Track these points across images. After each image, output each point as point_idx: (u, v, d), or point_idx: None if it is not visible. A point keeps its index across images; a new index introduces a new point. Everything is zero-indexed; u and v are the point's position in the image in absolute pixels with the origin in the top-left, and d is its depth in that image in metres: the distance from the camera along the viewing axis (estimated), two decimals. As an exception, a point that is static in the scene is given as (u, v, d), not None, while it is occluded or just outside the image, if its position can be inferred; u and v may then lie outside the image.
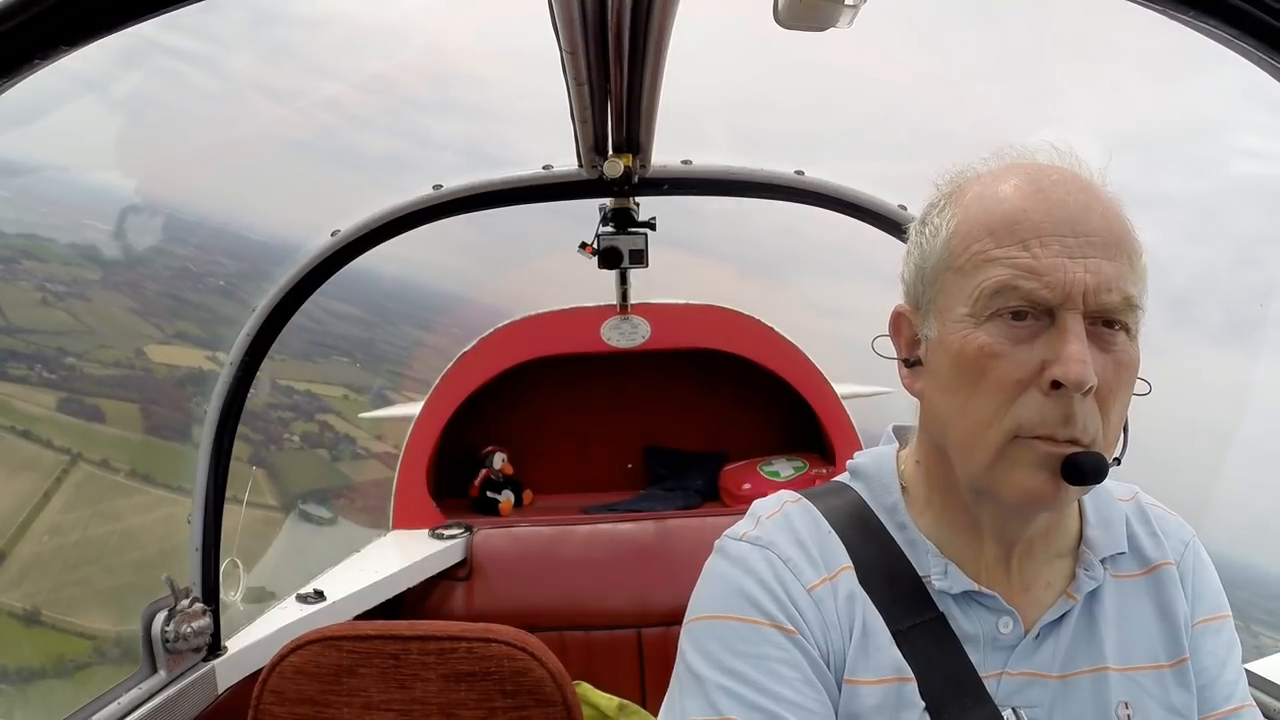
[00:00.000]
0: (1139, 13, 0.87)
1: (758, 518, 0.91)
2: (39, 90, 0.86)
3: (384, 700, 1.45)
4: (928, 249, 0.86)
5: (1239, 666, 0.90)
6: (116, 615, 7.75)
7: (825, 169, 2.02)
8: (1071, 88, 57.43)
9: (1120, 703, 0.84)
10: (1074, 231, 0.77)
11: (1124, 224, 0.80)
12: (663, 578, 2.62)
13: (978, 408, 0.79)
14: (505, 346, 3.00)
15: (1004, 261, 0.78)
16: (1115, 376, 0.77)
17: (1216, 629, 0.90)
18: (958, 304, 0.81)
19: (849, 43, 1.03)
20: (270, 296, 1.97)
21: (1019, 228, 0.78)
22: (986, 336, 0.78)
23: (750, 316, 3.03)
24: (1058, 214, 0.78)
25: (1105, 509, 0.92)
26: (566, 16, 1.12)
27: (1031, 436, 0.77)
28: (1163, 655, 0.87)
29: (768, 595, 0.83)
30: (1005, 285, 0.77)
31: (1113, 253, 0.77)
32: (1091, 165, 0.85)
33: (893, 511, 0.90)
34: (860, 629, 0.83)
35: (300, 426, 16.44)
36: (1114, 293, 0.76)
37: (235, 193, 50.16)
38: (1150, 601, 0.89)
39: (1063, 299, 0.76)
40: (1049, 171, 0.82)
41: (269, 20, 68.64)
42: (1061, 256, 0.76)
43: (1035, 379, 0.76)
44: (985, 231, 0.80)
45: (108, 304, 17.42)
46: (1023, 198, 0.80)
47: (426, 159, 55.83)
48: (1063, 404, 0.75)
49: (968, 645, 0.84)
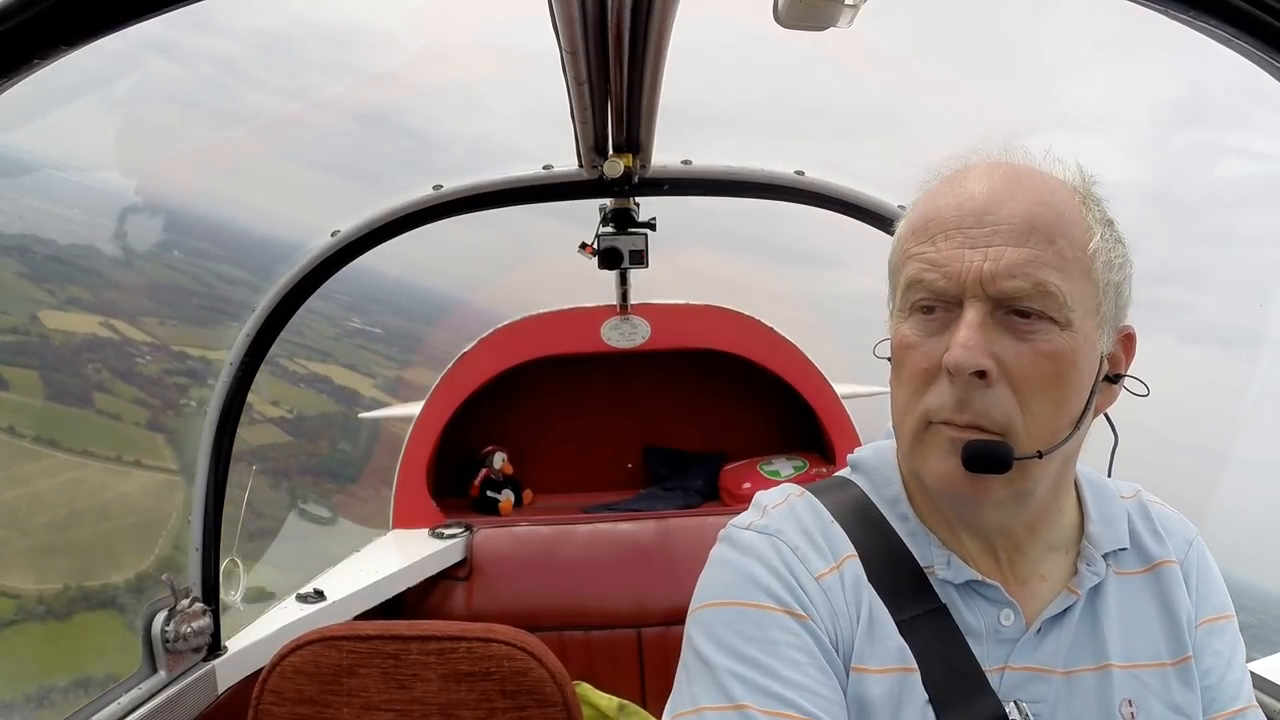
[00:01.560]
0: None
1: (763, 508, 0.91)
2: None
3: (384, 700, 1.44)
4: (889, 255, 0.91)
5: (1243, 666, 0.90)
6: (35, 575, 7.78)
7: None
8: (967, 80, 56.50)
9: (1124, 700, 0.84)
10: (979, 222, 0.79)
11: (1052, 210, 0.80)
12: (663, 577, 2.62)
13: (900, 396, 0.84)
14: (505, 346, 3.00)
15: (917, 257, 0.82)
16: (1033, 365, 0.77)
17: (1221, 629, 0.90)
18: (895, 301, 0.87)
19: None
20: (270, 297, 1.97)
21: (931, 224, 0.82)
22: (907, 329, 0.83)
23: (750, 316, 3.03)
24: (966, 206, 0.80)
25: (1106, 505, 0.92)
26: (566, 16, 1.12)
27: (939, 422, 0.79)
28: (1166, 653, 0.87)
29: (778, 581, 0.83)
30: (914, 279, 0.82)
31: (1021, 238, 0.77)
32: (1041, 156, 0.86)
33: (894, 503, 0.91)
34: (867, 617, 0.83)
35: (197, 392, 16.49)
36: (1018, 279, 0.76)
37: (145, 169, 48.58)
38: (1153, 599, 0.89)
39: (960, 289, 0.78)
40: (982, 169, 0.84)
41: (268, 15, 68.11)
42: (962, 247, 0.79)
43: (940, 366, 0.79)
44: (910, 232, 0.85)
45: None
46: (941, 195, 0.83)
47: (426, 159, 55.80)
48: (959, 389, 0.77)
49: (971, 638, 0.84)
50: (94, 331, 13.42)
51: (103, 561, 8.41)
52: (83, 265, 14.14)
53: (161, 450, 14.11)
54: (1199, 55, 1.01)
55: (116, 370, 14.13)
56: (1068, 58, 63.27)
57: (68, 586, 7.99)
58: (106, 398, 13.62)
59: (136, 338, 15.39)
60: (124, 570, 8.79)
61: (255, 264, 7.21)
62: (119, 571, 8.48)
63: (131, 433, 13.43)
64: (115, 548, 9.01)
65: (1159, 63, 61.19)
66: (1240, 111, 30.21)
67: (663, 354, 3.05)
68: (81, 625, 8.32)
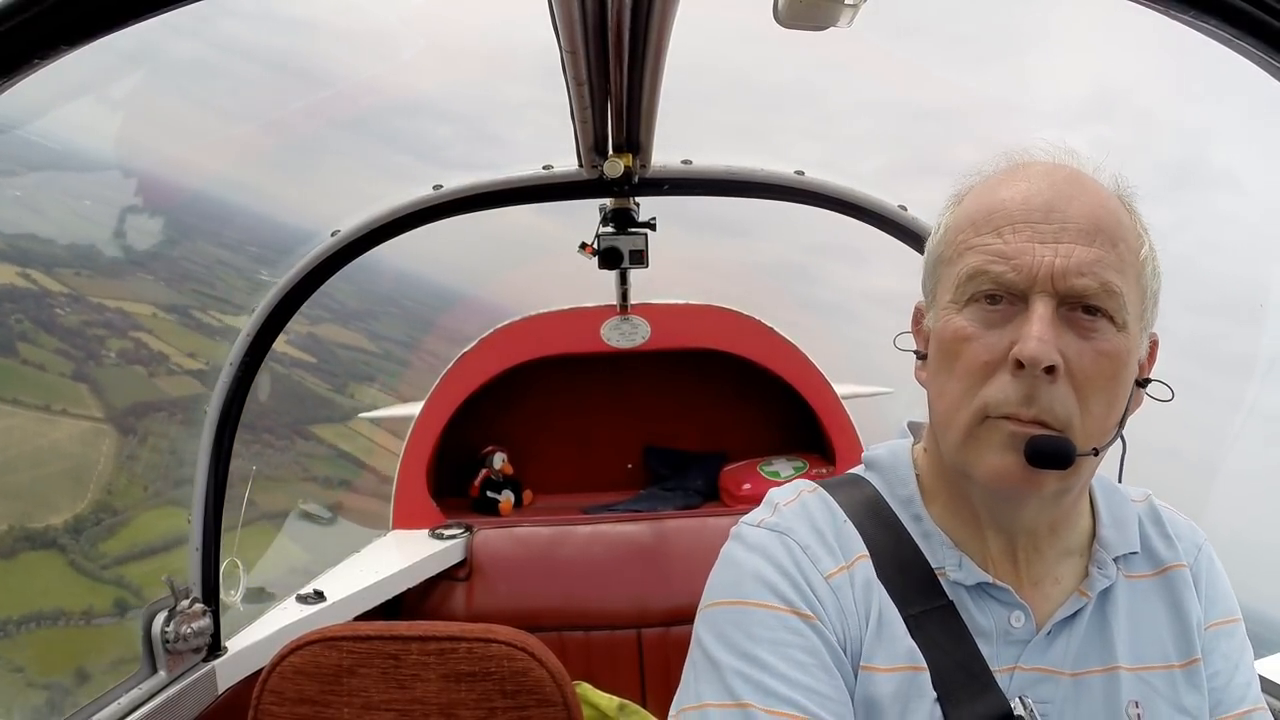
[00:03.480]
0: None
1: (775, 505, 0.92)
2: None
3: (384, 700, 1.44)
4: (931, 246, 0.90)
5: (1251, 669, 0.91)
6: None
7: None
8: (883, 60, 56.25)
9: (1130, 702, 0.84)
10: (1048, 218, 0.79)
11: (1111, 213, 0.81)
12: (662, 578, 2.62)
13: (952, 389, 0.82)
14: (505, 346, 3.00)
15: (980, 249, 0.81)
16: (1094, 364, 0.78)
17: (1229, 632, 0.91)
18: (946, 292, 0.85)
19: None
20: (270, 297, 1.97)
21: (995, 216, 0.81)
22: (963, 320, 0.82)
23: (750, 317, 3.03)
24: (1034, 201, 0.80)
25: (1118, 509, 0.93)
26: (566, 16, 1.12)
27: (999, 416, 0.78)
28: (1174, 655, 0.87)
29: (787, 581, 0.83)
30: (978, 270, 0.81)
31: (1089, 238, 0.78)
32: (1089, 162, 0.86)
33: (908, 503, 0.91)
34: (876, 617, 0.83)
35: (115, 344, 16.42)
36: (1087, 277, 0.77)
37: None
38: (1162, 602, 0.90)
39: (1030, 282, 0.78)
40: (1037, 165, 0.85)
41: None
42: (1032, 241, 0.78)
43: (1004, 360, 0.78)
44: (969, 223, 0.84)
45: (-96, 219, 17.47)
46: (1005, 188, 0.83)
47: (426, 159, 55.49)
48: (1025, 383, 0.77)
49: (980, 639, 0.84)
50: (12, 282, 13.40)
51: (42, 505, 8.42)
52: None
53: (86, 399, 14.14)
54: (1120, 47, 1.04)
55: (38, 320, 14.15)
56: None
57: (12, 528, 8.00)
58: (30, 348, 13.68)
59: (54, 288, 15.39)
60: (62, 513, 8.81)
61: (166, 216, 7.12)
62: (57, 514, 8.50)
63: (57, 383, 13.46)
64: (51, 492, 9.01)
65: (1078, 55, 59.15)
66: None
67: (663, 354, 3.05)
68: (27, 564, 8.30)
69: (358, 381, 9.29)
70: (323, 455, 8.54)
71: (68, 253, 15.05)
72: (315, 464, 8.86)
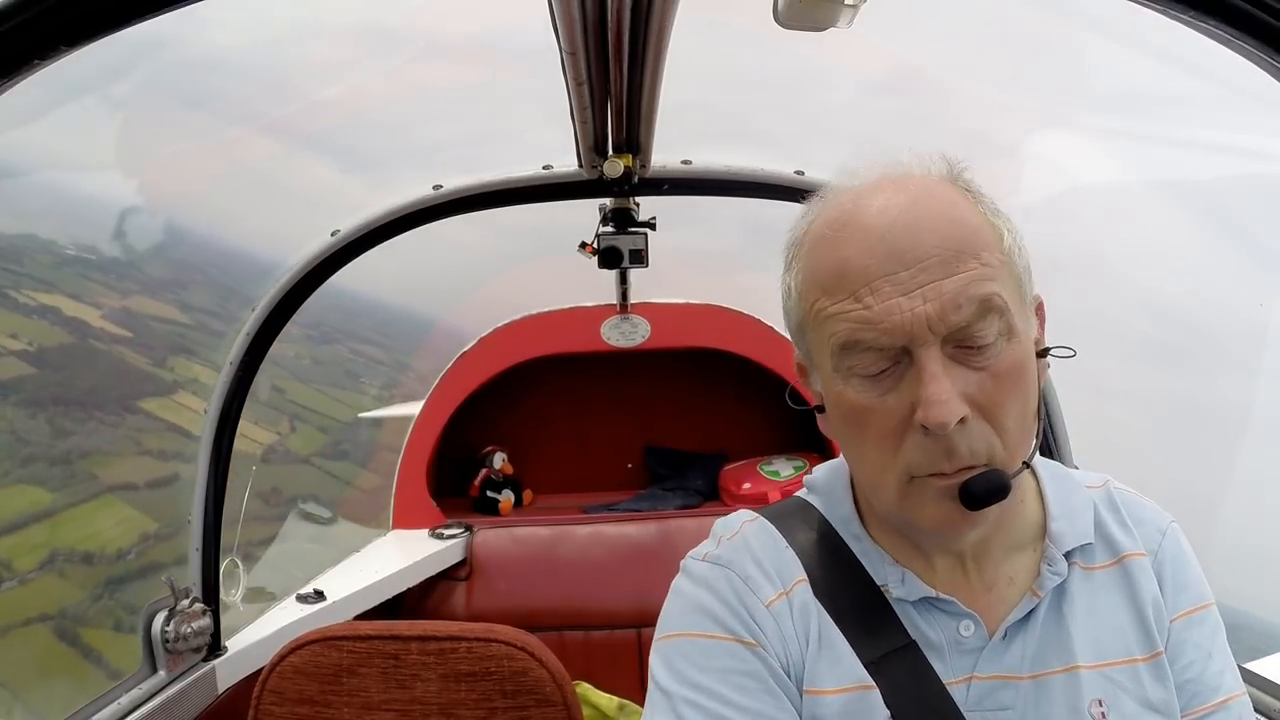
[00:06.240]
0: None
1: (719, 539, 0.94)
2: None
3: (384, 700, 1.45)
4: (788, 309, 0.86)
5: (1226, 654, 0.88)
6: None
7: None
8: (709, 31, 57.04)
9: (1093, 700, 0.82)
10: (903, 264, 0.74)
11: (963, 224, 0.77)
12: (663, 578, 2.59)
13: (870, 458, 0.80)
14: (505, 346, 3.00)
15: (841, 316, 0.76)
16: (997, 388, 0.75)
17: (1200, 620, 0.88)
18: (824, 360, 0.81)
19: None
20: (270, 297, 1.97)
21: (846, 279, 0.76)
22: (854, 393, 0.78)
23: (750, 316, 3.02)
24: (880, 249, 0.75)
25: (1069, 498, 0.90)
26: (566, 16, 1.12)
27: (925, 475, 0.77)
28: (1137, 649, 0.85)
29: (729, 612, 0.85)
30: (848, 340, 0.76)
31: (952, 266, 0.74)
32: (915, 164, 0.83)
33: (847, 523, 0.91)
34: (816, 639, 0.84)
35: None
36: (964, 306, 0.73)
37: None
38: (1121, 593, 0.87)
39: (908, 338, 0.74)
40: (871, 200, 0.79)
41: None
42: (895, 296, 0.74)
43: (910, 421, 0.75)
44: (819, 289, 0.79)
45: None
46: (843, 244, 0.77)
47: (426, 159, 55.67)
48: (940, 441, 0.75)
49: (932, 654, 0.83)
50: None
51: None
52: None
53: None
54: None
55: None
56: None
57: None
58: None
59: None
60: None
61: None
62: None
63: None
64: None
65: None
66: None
67: (663, 353, 3.05)
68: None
69: (175, 355, 9.26)
70: (153, 429, 8.53)
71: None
72: (147, 438, 8.80)
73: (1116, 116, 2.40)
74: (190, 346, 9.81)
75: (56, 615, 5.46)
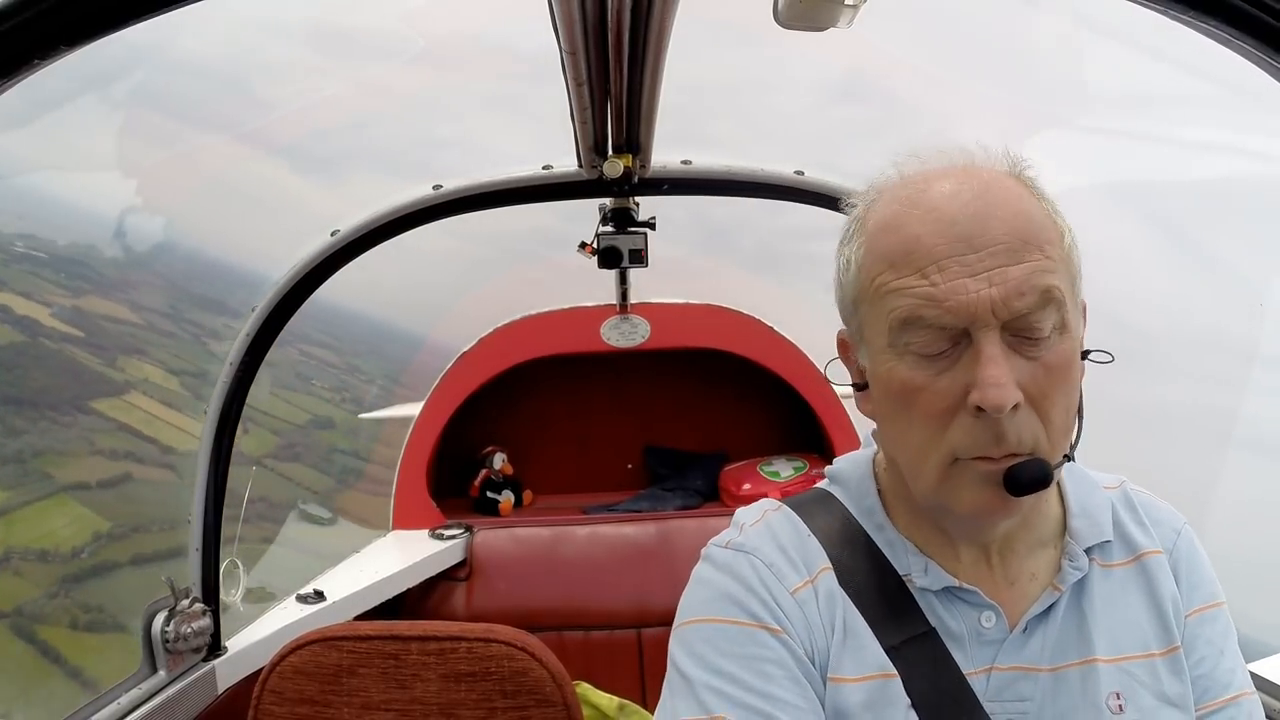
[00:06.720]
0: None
1: (741, 525, 0.93)
2: None
3: (384, 700, 1.45)
4: (845, 281, 0.86)
5: (1236, 653, 0.90)
6: None
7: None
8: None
9: (1111, 693, 0.84)
10: (972, 247, 0.75)
11: (1029, 218, 0.78)
12: (662, 578, 2.62)
13: (914, 437, 0.80)
14: (505, 346, 3.00)
15: (905, 292, 0.77)
16: (1048, 380, 0.76)
17: (1212, 617, 0.90)
18: (877, 335, 0.81)
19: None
20: (269, 297, 1.97)
21: (915, 256, 0.77)
22: (907, 370, 0.78)
23: (750, 316, 3.03)
24: (952, 232, 0.76)
25: (1087, 497, 0.92)
26: (566, 16, 1.12)
27: (970, 458, 0.77)
28: (1154, 644, 0.87)
29: (754, 598, 0.85)
30: (910, 316, 0.77)
31: (1018, 255, 0.75)
32: (979, 155, 0.84)
33: (870, 513, 0.92)
34: (841, 628, 0.84)
35: None
36: (1027, 295, 0.75)
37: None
38: (1139, 590, 0.89)
39: (970, 319, 0.75)
40: (942, 184, 0.80)
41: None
42: (962, 277, 0.75)
43: (962, 404, 0.76)
44: (885, 264, 0.80)
45: None
46: (915, 222, 0.78)
47: (425, 159, 55.42)
48: (991, 424, 0.75)
49: (953, 644, 0.84)
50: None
51: None
52: None
53: None
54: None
55: None
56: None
57: None
58: None
59: None
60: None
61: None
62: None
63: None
64: None
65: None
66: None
67: (663, 353, 3.05)
68: None
69: (126, 355, 9.25)
70: (104, 429, 8.54)
71: None
72: (100, 437, 8.78)
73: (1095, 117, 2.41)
74: (141, 346, 9.81)
75: (11, 613, 5.47)
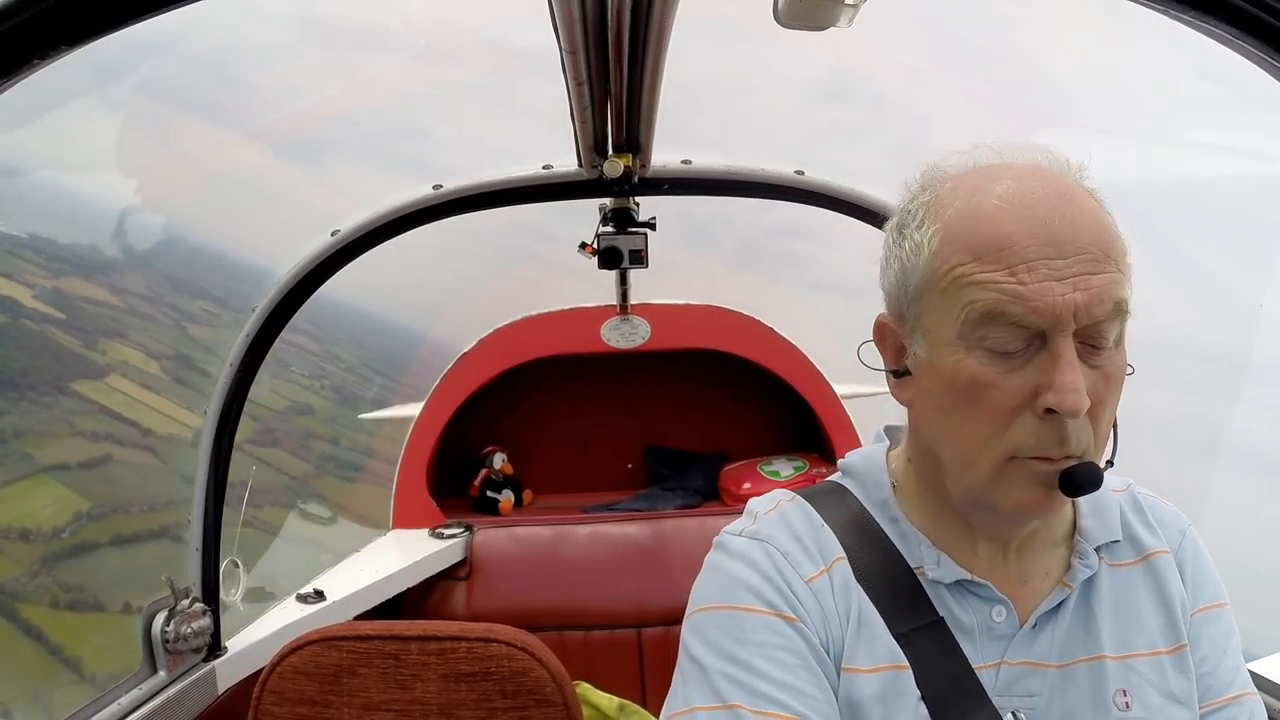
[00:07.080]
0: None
1: (755, 514, 0.93)
2: None
3: (384, 700, 1.44)
4: (909, 265, 0.84)
5: (1239, 654, 0.91)
6: None
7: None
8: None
9: (1118, 690, 0.84)
10: (1060, 252, 0.75)
11: (1107, 229, 0.79)
12: (663, 577, 2.62)
13: (972, 432, 0.80)
14: (505, 347, 3.00)
15: (989, 285, 0.76)
16: (1105, 388, 0.78)
17: (1216, 617, 0.91)
18: (944, 325, 0.80)
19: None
20: (269, 297, 1.97)
21: (1005, 252, 0.76)
22: (977, 365, 0.78)
23: (750, 317, 3.03)
24: (1043, 234, 0.76)
25: (1097, 499, 0.92)
26: (566, 16, 1.12)
27: (1028, 457, 0.78)
28: (1161, 642, 0.88)
29: (769, 586, 0.84)
30: (992, 310, 0.76)
31: (1100, 264, 0.76)
32: (1067, 161, 0.84)
33: (884, 506, 0.92)
34: (856, 618, 0.84)
35: None
36: (1105, 304, 0.75)
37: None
38: (1146, 589, 0.90)
39: (1053, 322, 0.75)
40: (1029, 184, 0.80)
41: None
42: (1049, 280, 0.75)
43: (1029, 404, 0.76)
44: (969, 254, 0.78)
45: None
46: (1006, 219, 0.77)
47: (425, 159, 55.47)
48: (1057, 427, 0.76)
49: (963, 636, 0.85)
50: None
51: None
52: None
53: None
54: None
55: None
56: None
57: None
58: None
59: None
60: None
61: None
62: None
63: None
64: None
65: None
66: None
67: (663, 354, 3.05)
68: None
69: (107, 338, 9.27)
70: (85, 411, 8.59)
71: None
72: (81, 419, 8.82)
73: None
74: (121, 330, 9.82)
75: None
